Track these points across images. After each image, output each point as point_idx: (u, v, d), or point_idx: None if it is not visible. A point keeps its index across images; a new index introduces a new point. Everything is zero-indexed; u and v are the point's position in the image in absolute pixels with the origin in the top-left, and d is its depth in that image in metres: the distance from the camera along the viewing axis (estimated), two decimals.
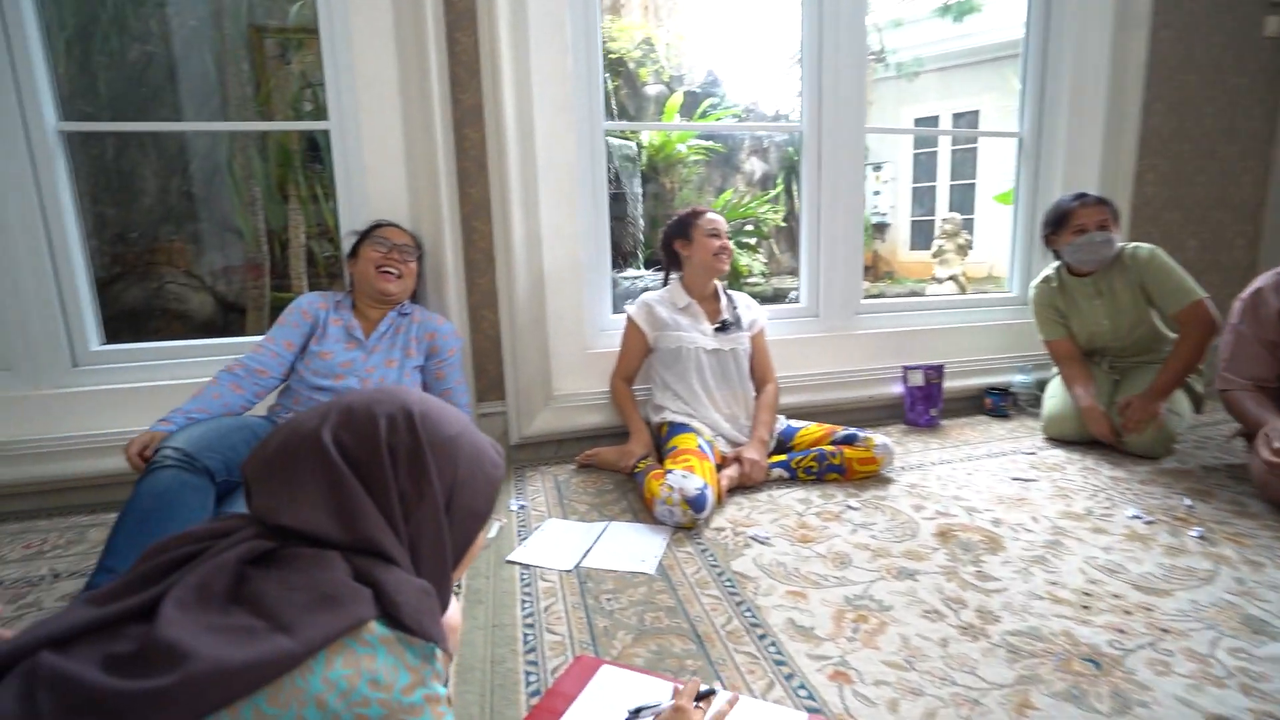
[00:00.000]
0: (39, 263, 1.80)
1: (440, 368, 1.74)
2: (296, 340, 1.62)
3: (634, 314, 1.94)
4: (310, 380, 1.58)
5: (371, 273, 1.65)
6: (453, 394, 1.75)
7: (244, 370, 1.54)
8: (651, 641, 1.09)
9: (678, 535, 1.49)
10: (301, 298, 1.69)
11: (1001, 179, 7.58)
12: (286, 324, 1.63)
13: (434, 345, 1.73)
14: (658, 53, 7.77)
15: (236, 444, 1.32)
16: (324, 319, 1.66)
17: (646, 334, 1.92)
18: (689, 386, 1.87)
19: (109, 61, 3.52)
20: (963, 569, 1.29)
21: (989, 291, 5.89)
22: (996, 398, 2.37)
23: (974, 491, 1.68)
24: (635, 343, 1.95)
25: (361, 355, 1.64)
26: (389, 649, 0.52)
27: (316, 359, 1.60)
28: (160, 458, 1.19)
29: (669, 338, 1.89)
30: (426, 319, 1.75)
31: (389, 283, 1.66)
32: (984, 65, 8.25)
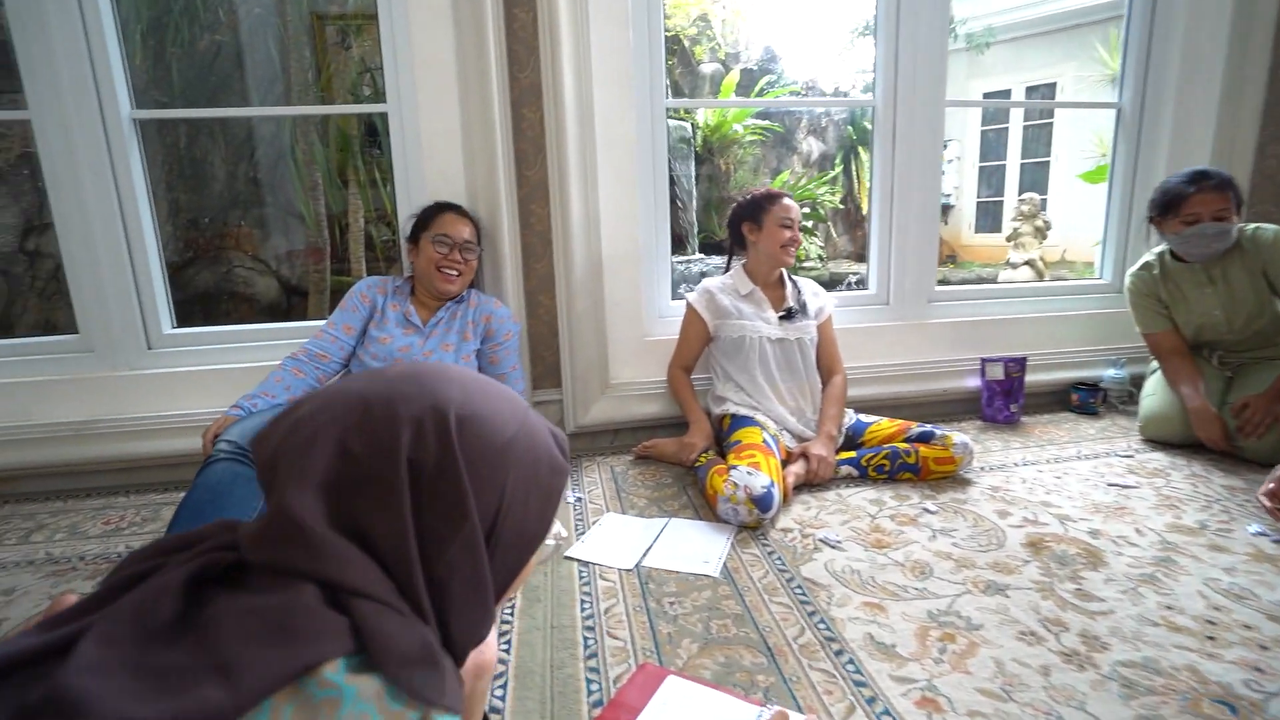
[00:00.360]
0: (116, 248, 1.85)
1: (495, 352, 1.73)
2: (356, 324, 1.64)
3: (694, 301, 1.86)
4: (369, 365, 1.58)
5: (432, 272, 1.64)
6: (508, 379, 1.74)
7: (306, 355, 1.58)
8: (719, 652, 1.03)
9: (741, 535, 1.42)
10: (361, 282, 1.70)
11: (1082, 156, 7.09)
12: (346, 308, 1.65)
13: (490, 328, 1.72)
14: (714, 29, 7.55)
15: None
16: (382, 304, 1.67)
17: (707, 322, 1.84)
18: (752, 378, 1.79)
19: (181, 52, 3.62)
20: (1059, 585, 1.17)
21: (1065, 277, 5.53)
22: (1085, 394, 2.19)
23: (1065, 497, 1.55)
24: (695, 331, 1.87)
25: (419, 340, 1.65)
26: (362, 693, 0.38)
27: (375, 343, 1.63)
28: (216, 451, 1.22)
29: (731, 326, 1.81)
30: (483, 302, 1.74)
31: (450, 284, 1.65)
32: (1063, 33, 7.70)
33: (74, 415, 1.84)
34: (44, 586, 1.32)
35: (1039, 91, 8.21)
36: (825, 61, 8.92)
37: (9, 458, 1.80)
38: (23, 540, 1.55)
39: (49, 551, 1.48)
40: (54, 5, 1.71)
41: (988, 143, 8.87)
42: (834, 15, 8.72)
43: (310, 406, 0.49)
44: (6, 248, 3.35)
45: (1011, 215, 6.52)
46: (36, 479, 1.85)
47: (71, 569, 1.39)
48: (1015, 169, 8.45)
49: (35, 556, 1.46)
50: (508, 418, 0.52)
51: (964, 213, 9.05)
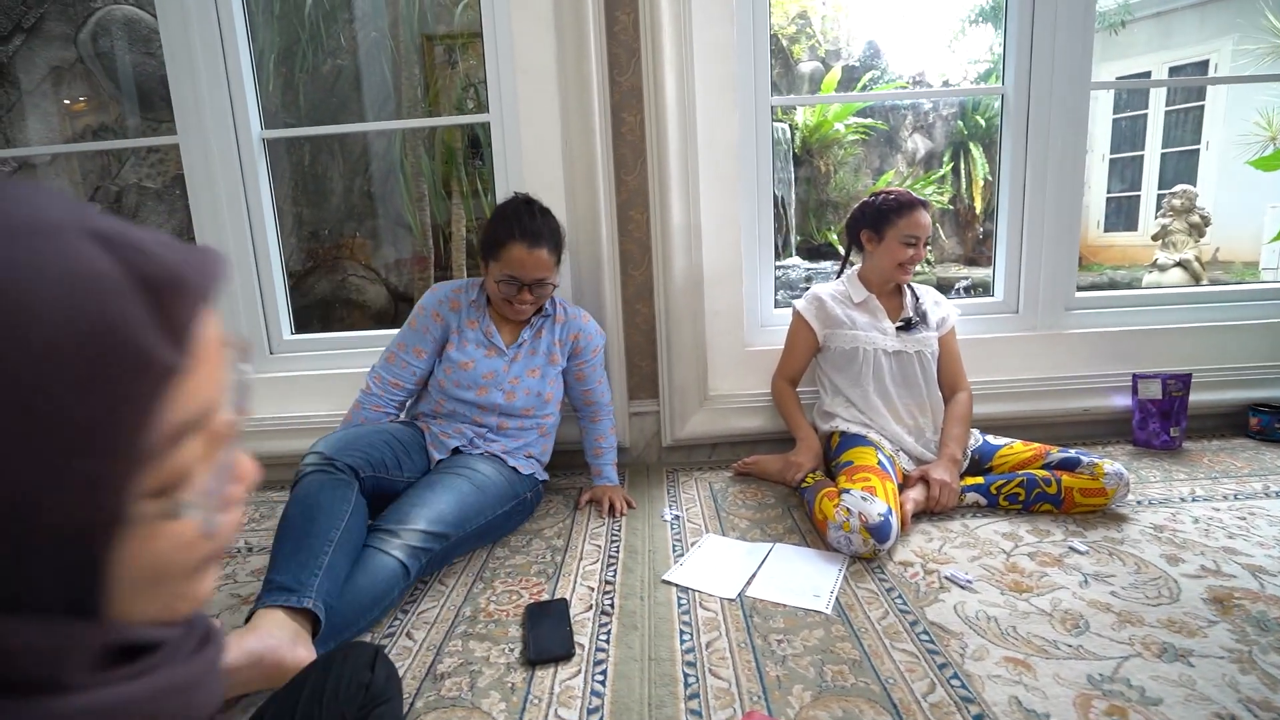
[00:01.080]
0: (245, 258, 1.98)
1: (582, 369, 1.64)
2: (427, 347, 1.54)
3: (802, 309, 1.74)
4: (453, 392, 1.52)
5: (501, 304, 1.51)
6: (594, 393, 1.67)
7: (380, 387, 1.54)
8: (835, 704, 0.92)
9: (855, 567, 1.30)
10: (430, 295, 1.56)
11: (1241, 142, 6.24)
12: (417, 329, 1.54)
13: (577, 345, 1.62)
14: (813, 27, 7.31)
15: (375, 443, 1.35)
16: (458, 322, 1.54)
17: (816, 331, 1.72)
18: (865, 393, 1.65)
19: (307, 77, 3.90)
20: (1263, 658, 0.97)
21: (1221, 280, 4.88)
22: (1268, 418, 1.87)
23: (1256, 544, 1.30)
24: (803, 341, 1.75)
25: (503, 365, 1.54)
26: None
27: (458, 369, 1.51)
28: (304, 465, 1.23)
29: (842, 336, 1.67)
30: (570, 319, 1.62)
31: (519, 318, 1.54)
32: (1218, 3, 6.82)
33: None
34: None
35: (1185, 71, 7.32)
36: (933, 54, 8.40)
37: None
38: None
39: None
40: (200, 40, 1.85)
41: (1120, 132, 8.01)
42: (944, 3, 8.18)
43: None
44: None
45: (1159, 211, 5.81)
46: None
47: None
48: (1155, 160, 7.57)
49: None
50: None
51: (1091, 210, 8.22)
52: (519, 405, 1.54)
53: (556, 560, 1.38)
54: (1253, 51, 6.31)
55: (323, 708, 0.69)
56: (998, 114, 2.06)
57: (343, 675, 0.72)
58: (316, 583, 1.03)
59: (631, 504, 1.64)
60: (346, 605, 1.09)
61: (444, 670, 1.03)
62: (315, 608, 1.01)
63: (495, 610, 1.20)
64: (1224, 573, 1.20)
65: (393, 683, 0.76)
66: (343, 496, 1.18)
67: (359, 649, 0.77)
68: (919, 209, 1.64)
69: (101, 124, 3.54)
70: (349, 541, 1.14)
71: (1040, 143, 1.94)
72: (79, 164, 3.49)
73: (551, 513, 1.63)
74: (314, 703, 0.69)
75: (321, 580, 1.05)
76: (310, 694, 0.70)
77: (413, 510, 1.27)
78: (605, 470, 1.69)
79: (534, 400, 1.56)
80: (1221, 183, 6.69)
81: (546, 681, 0.99)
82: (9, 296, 0.23)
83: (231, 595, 1.31)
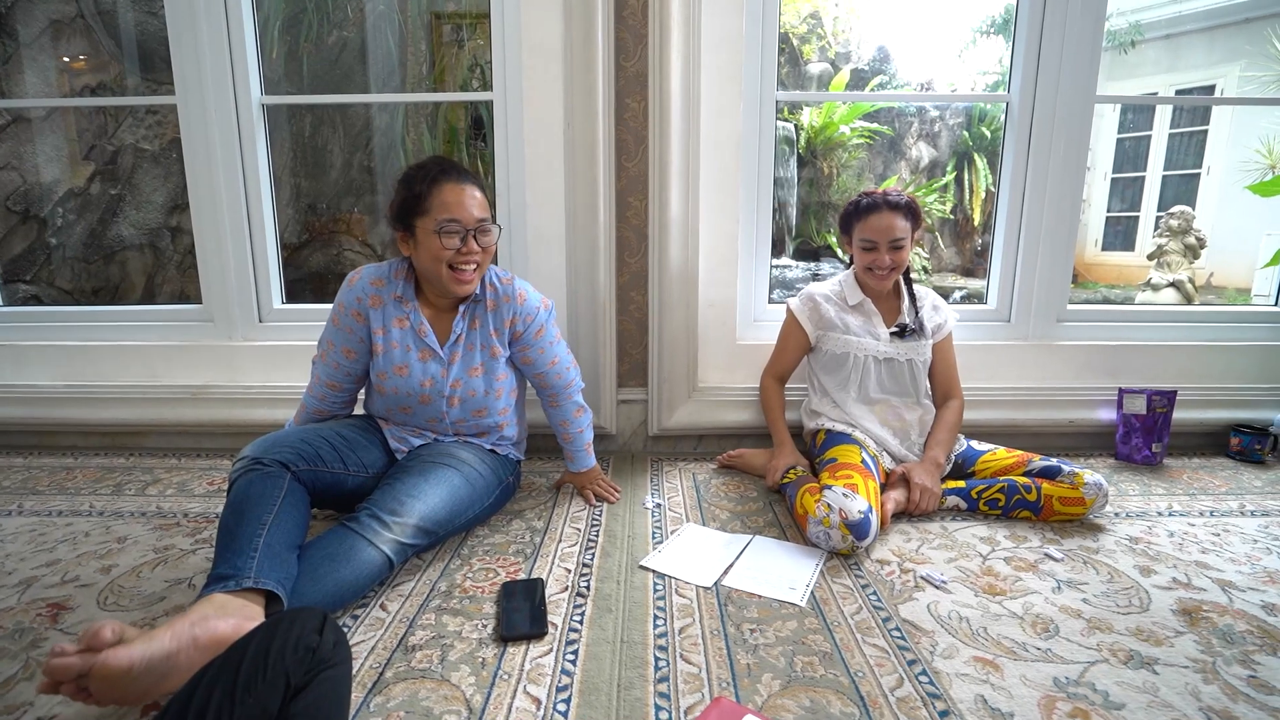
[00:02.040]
0: (239, 225, 1.97)
1: (526, 353, 1.45)
2: (355, 347, 1.38)
3: (796, 308, 1.72)
4: (393, 401, 1.39)
5: (442, 273, 1.29)
6: (545, 377, 1.50)
7: (318, 389, 1.43)
8: (803, 694, 0.93)
9: (832, 562, 1.30)
10: (347, 292, 1.36)
11: (1242, 169, 6.28)
12: (341, 328, 1.37)
13: (515, 330, 1.43)
14: (824, 28, 7.29)
15: (309, 439, 1.26)
16: (382, 321, 1.36)
17: (808, 332, 1.70)
18: (852, 397, 1.64)
19: (311, 47, 3.86)
20: (1226, 669, 0.98)
21: (1213, 304, 4.93)
22: (1248, 439, 1.88)
23: (1228, 560, 1.31)
24: (794, 340, 1.73)
25: (440, 370, 1.38)
26: None
27: (394, 376, 1.36)
28: (232, 472, 1.16)
29: (834, 340, 1.66)
30: (504, 302, 1.41)
31: (467, 284, 1.32)
32: (1228, 28, 6.84)
33: (193, 379, 1.97)
34: (151, 539, 1.40)
35: (1192, 95, 7.35)
36: (943, 62, 8.38)
37: (138, 414, 1.95)
38: (139, 492, 1.66)
39: (159, 505, 1.58)
40: (204, 2, 1.83)
41: (1123, 152, 8.05)
42: (956, 12, 8.17)
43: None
44: (155, 224, 3.70)
45: (1156, 230, 5.84)
46: (158, 436, 1.99)
47: (175, 524, 1.47)
48: (1156, 181, 7.62)
49: (148, 509, 1.56)
50: None
51: (1090, 228, 8.26)
52: (470, 408, 1.42)
53: (535, 541, 1.38)
54: (1259, 78, 6.35)
55: (267, 667, 0.68)
56: (1002, 126, 2.07)
57: (289, 637, 0.72)
58: (254, 564, 0.99)
59: (616, 490, 1.63)
60: (325, 592, 1.06)
61: (415, 642, 1.03)
62: (260, 584, 0.97)
63: (471, 587, 1.20)
64: (1195, 586, 1.22)
65: (341, 649, 0.76)
66: (273, 485, 1.12)
67: (307, 613, 0.76)
68: (880, 211, 1.54)
69: (100, 82, 3.49)
70: (288, 519, 1.08)
71: (1042, 153, 1.95)
72: (75, 120, 3.45)
73: (533, 495, 1.63)
74: (258, 661, 0.69)
75: (261, 559, 1.00)
76: (255, 653, 0.70)
77: (409, 501, 1.21)
78: (577, 455, 1.59)
79: (482, 400, 1.42)
80: (1220, 208, 6.74)
81: (517, 658, 0.99)
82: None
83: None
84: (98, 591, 1.18)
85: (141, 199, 3.64)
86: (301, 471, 1.19)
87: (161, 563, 1.30)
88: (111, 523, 1.48)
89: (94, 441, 2.00)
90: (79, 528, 1.45)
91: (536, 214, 1.83)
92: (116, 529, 1.45)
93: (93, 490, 1.67)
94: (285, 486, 1.14)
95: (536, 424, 1.76)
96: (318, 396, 1.44)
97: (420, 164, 1.30)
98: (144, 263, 3.69)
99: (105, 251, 3.61)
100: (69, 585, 1.21)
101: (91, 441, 2.00)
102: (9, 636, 1.05)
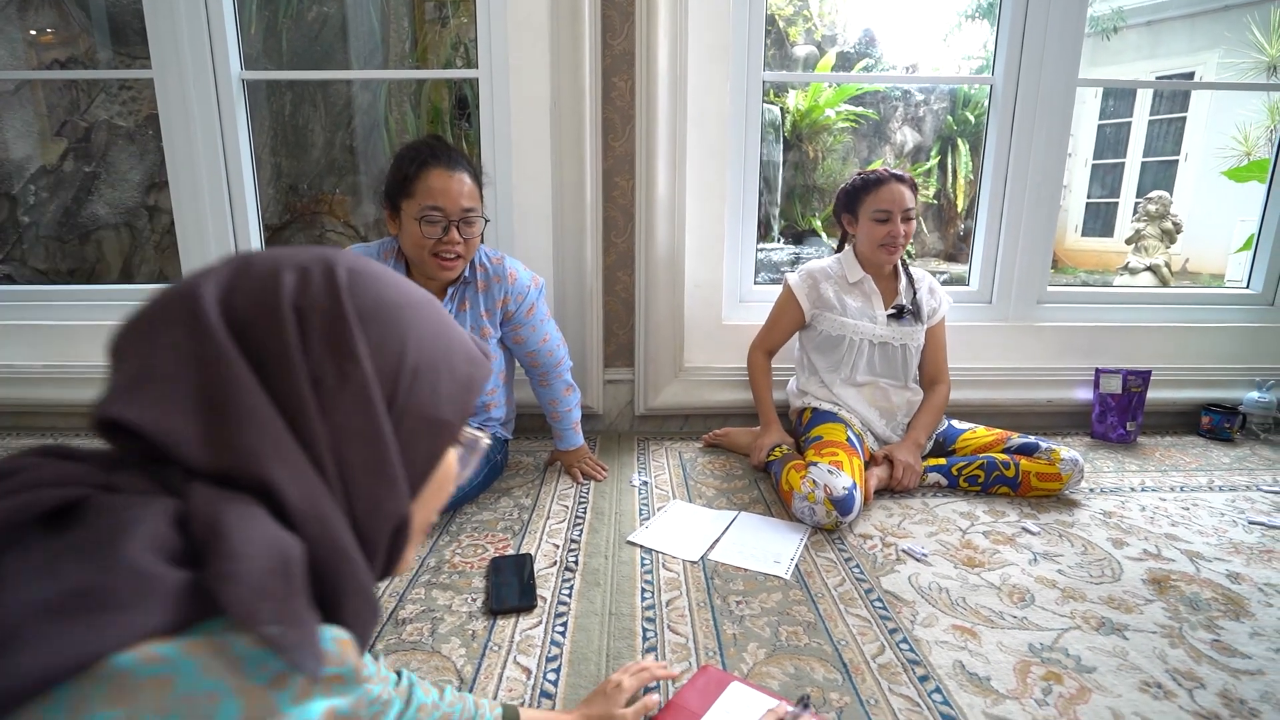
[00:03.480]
0: (219, 204, 1.93)
1: (519, 332, 1.46)
2: None
3: (795, 285, 1.68)
4: None
5: (425, 259, 1.29)
6: (537, 355, 1.51)
7: None
8: (788, 661, 0.95)
9: (816, 537, 1.33)
10: None
11: (1219, 155, 6.38)
12: None
13: (507, 310, 1.43)
14: (810, 10, 7.25)
15: None
16: None
17: (805, 310, 1.67)
18: (841, 379, 1.65)
19: (291, 22, 3.77)
20: (1191, 633, 1.02)
21: (1189, 288, 5.03)
22: (1219, 417, 1.94)
23: (1196, 532, 1.36)
24: (789, 316, 1.70)
25: None
26: (204, 666, 0.29)
27: None
28: None
29: (830, 321, 1.64)
30: (494, 282, 1.41)
31: (450, 270, 1.31)
32: (1208, 16, 6.91)
33: None
34: None
35: (1176, 80, 7.43)
36: (928, 46, 8.40)
37: None
38: None
39: None
40: None
41: (1104, 138, 8.13)
42: None
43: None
44: (132, 203, 3.62)
45: (1134, 215, 5.93)
46: None
47: None
48: (1135, 168, 7.71)
49: None
50: (408, 289, 0.45)
51: (1070, 214, 8.36)
52: None
53: (523, 518, 1.39)
54: (1237, 66, 6.43)
55: None
56: (986, 109, 2.08)
57: None
58: None
59: (604, 468, 1.64)
60: None
61: (406, 616, 1.04)
62: None
63: (460, 562, 1.21)
64: (1164, 556, 1.26)
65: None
66: None
67: None
68: (890, 182, 1.55)
69: (70, 56, 3.39)
70: None
71: (1025, 135, 1.97)
72: (45, 96, 3.35)
73: (521, 473, 1.64)
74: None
75: None
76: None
77: None
78: (566, 434, 1.60)
79: None
80: (1198, 194, 6.84)
81: (507, 630, 1.00)
82: (455, 334, 0.46)
83: None
84: None
85: (117, 177, 3.55)
86: None
87: None
88: None
89: (74, 422, 1.98)
90: None
91: (523, 194, 1.82)
92: None
93: None
94: None
95: (524, 404, 1.76)
96: None
97: (414, 144, 1.29)
98: (121, 242, 3.61)
99: (80, 231, 3.53)
100: None
101: (72, 422, 1.98)
102: None
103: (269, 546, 0.33)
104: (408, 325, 0.42)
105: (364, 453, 0.39)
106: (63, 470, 0.36)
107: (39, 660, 0.27)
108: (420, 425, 0.42)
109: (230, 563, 0.31)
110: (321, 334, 0.39)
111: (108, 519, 0.32)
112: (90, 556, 0.30)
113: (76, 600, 0.29)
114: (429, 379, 0.43)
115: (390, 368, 0.41)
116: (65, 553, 0.31)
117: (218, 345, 0.36)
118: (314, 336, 0.39)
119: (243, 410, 0.36)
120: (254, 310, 0.38)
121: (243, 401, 0.36)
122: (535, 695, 0.88)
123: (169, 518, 0.33)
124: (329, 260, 0.41)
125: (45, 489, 0.34)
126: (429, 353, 0.43)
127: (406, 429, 0.42)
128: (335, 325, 0.39)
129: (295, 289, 0.39)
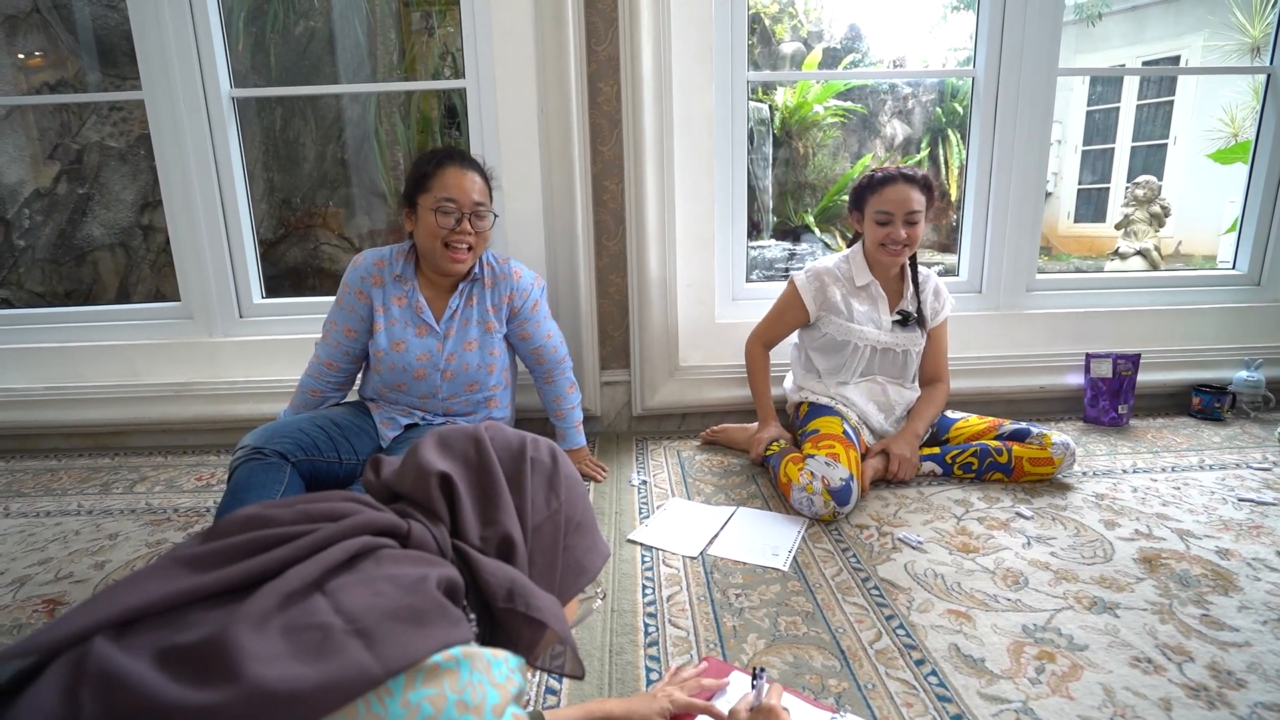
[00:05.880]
0: (215, 221, 1.95)
1: (524, 328, 1.52)
2: (355, 326, 1.44)
3: (801, 285, 1.64)
4: (390, 379, 1.44)
5: (437, 250, 1.36)
6: (542, 350, 1.55)
7: (315, 367, 1.51)
8: (787, 650, 0.97)
9: (813, 529, 1.35)
10: (352, 271, 1.44)
11: (1207, 137, 6.41)
12: (344, 307, 1.45)
13: (514, 306, 1.50)
14: (796, 7, 7.28)
15: (306, 429, 1.32)
16: (383, 298, 1.43)
17: (810, 311, 1.65)
18: (841, 381, 1.65)
19: (278, 38, 3.79)
20: (1181, 609, 1.04)
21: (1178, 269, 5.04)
22: (1208, 397, 1.96)
23: (1186, 511, 1.38)
24: (792, 315, 1.68)
25: (436, 344, 1.43)
26: (474, 663, 0.45)
27: (390, 353, 1.42)
28: (233, 460, 1.23)
29: (836, 325, 1.62)
30: (501, 280, 1.48)
31: (460, 262, 1.38)
32: (1190, 1, 6.95)
33: (175, 377, 1.96)
34: (142, 534, 1.41)
35: (1158, 66, 7.46)
36: (914, 39, 8.43)
37: (121, 414, 1.94)
38: (127, 490, 1.66)
39: (149, 502, 1.58)
40: None
41: (1093, 124, 8.15)
42: None
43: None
44: (126, 223, 3.64)
45: (1124, 200, 5.96)
46: (142, 435, 1.99)
47: (166, 520, 1.48)
48: (1125, 153, 7.74)
49: (137, 506, 1.56)
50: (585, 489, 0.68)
51: (1062, 200, 8.39)
52: (461, 382, 1.46)
53: None
54: (1221, 48, 6.46)
55: None
56: (969, 101, 2.10)
57: None
58: None
59: (604, 468, 1.67)
60: None
61: None
62: None
63: None
64: (1155, 536, 1.28)
65: None
66: (274, 476, 1.20)
67: None
68: (896, 182, 1.51)
69: (60, 79, 3.41)
70: None
71: (1008, 126, 1.99)
72: (36, 119, 3.37)
73: None
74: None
75: None
76: None
77: None
78: (569, 433, 1.63)
79: (476, 374, 1.47)
80: (1188, 177, 6.87)
81: None
82: (596, 528, 0.66)
83: None
84: (93, 586, 1.20)
85: (111, 198, 3.57)
86: (299, 462, 1.27)
87: (156, 556, 1.31)
88: (101, 520, 1.48)
89: (77, 443, 1.99)
90: (69, 526, 1.46)
91: (514, 200, 1.84)
92: (107, 526, 1.45)
93: (80, 490, 1.67)
94: (287, 477, 1.21)
95: (526, 407, 1.78)
96: (314, 375, 1.51)
97: (433, 149, 1.42)
98: (116, 263, 3.63)
99: (76, 253, 3.55)
100: (63, 582, 1.22)
101: (75, 443, 1.99)
102: (6, 633, 1.06)
103: (551, 600, 0.55)
104: (584, 498, 0.65)
105: (545, 567, 0.59)
106: (378, 520, 0.51)
107: (394, 655, 0.40)
108: (575, 563, 0.62)
109: (538, 599, 0.53)
110: (543, 479, 0.61)
111: (409, 566, 0.48)
112: (404, 588, 0.45)
113: (412, 616, 0.43)
114: (586, 538, 0.64)
115: (573, 518, 0.63)
116: (382, 580, 0.45)
117: (489, 461, 0.59)
118: (539, 478, 0.61)
119: (502, 503, 0.57)
120: (507, 454, 0.61)
121: (501, 497, 0.58)
122: (540, 693, 0.90)
123: (449, 569, 0.50)
124: (549, 441, 0.65)
125: (370, 537, 0.49)
126: (587, 524, 0.65)
127: (569, 563, 0.62)
128: (551, 476, 0.62)
129: (530, 447, 0.62)
